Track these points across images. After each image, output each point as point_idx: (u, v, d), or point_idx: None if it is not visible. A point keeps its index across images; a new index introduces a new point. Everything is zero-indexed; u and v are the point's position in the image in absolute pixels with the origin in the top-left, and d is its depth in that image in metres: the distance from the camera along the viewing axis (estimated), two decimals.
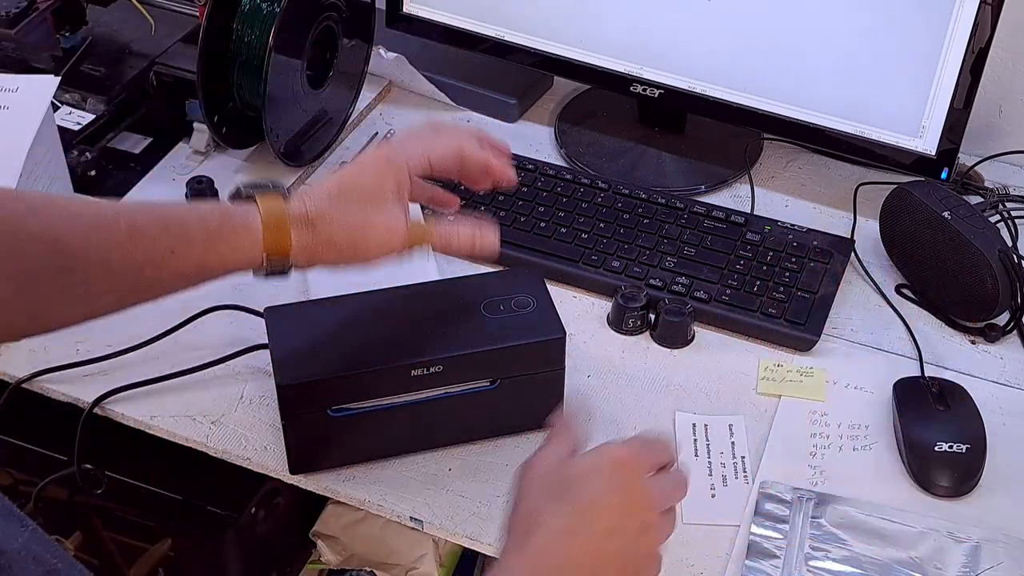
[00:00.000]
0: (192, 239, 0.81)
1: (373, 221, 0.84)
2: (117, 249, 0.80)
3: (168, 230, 0.81)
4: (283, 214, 0.82)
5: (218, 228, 0.82)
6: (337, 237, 0.84)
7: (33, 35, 1.23)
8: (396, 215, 0.85)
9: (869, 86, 1.16)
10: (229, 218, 0.82)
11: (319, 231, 0.83)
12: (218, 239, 0.82)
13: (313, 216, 0.83)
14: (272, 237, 0.82)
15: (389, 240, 0.85)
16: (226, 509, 1.12)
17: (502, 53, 1.31)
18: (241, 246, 0.82)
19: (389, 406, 0.93)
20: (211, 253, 0.82)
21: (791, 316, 1.08)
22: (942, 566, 0.89)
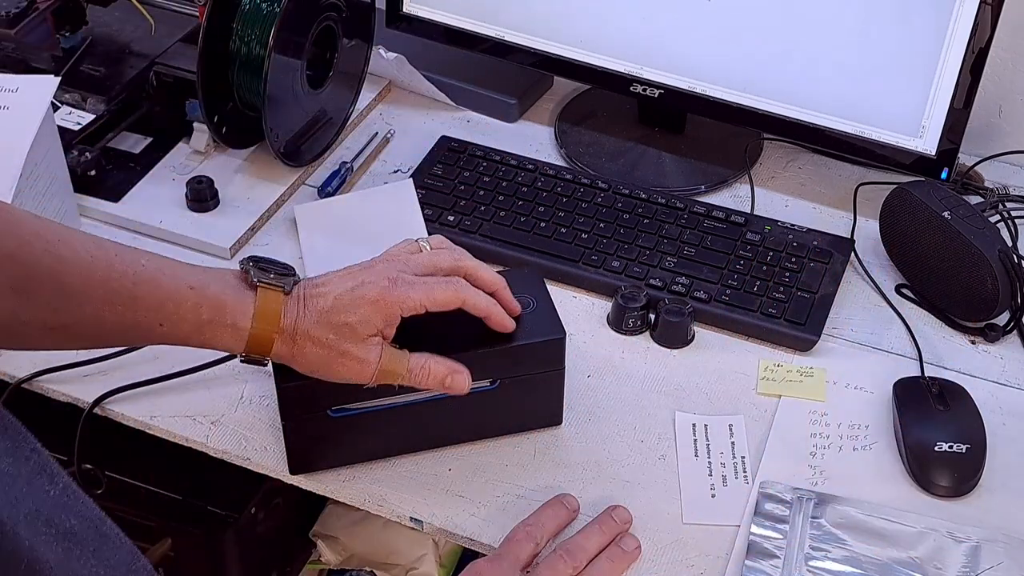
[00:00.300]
0: (182, 322, 0.85)
1: (348, 353, 0.86)
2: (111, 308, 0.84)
3: (162, 309, 0.85)
4: (272, 323, 0.85)
5: (208, 320, 0.85)
6: (310, 356, 0.86)
7: (33, 35, 1.23)
8: (370, 353, 0.86)
9: (869, 86, 1.16)
10: (222, 314, 0.85)
11: (297, 345, 0.86)
12: (206, 329, 0.86)
13: (298, 332, 0.85)
14: (255, 341, 0.86)
15: (358, 373, 0.87)
16: (226, 509, 1.12)
17: (502, 53, 1.31)
18: (224, 340, 0.86)
19: (389, 406, 0.93)
20: (196, 336, 0.86)
21: (791, 316, 1.08)
22: (942, 566, 0.89)
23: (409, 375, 0.88)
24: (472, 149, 1.26)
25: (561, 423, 1.00)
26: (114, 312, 0.84)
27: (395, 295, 0.87)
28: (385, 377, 0.87)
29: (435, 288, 0.88)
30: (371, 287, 0.87)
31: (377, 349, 0.86)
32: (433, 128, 1.32)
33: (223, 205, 1.19)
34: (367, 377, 0.87)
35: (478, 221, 1.17)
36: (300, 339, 0.85)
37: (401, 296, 0.87)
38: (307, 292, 0.87)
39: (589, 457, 0.98)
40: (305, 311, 0.86)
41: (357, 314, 0.86)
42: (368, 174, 1.27)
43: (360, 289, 0.87)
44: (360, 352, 0.86)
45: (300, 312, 0.86)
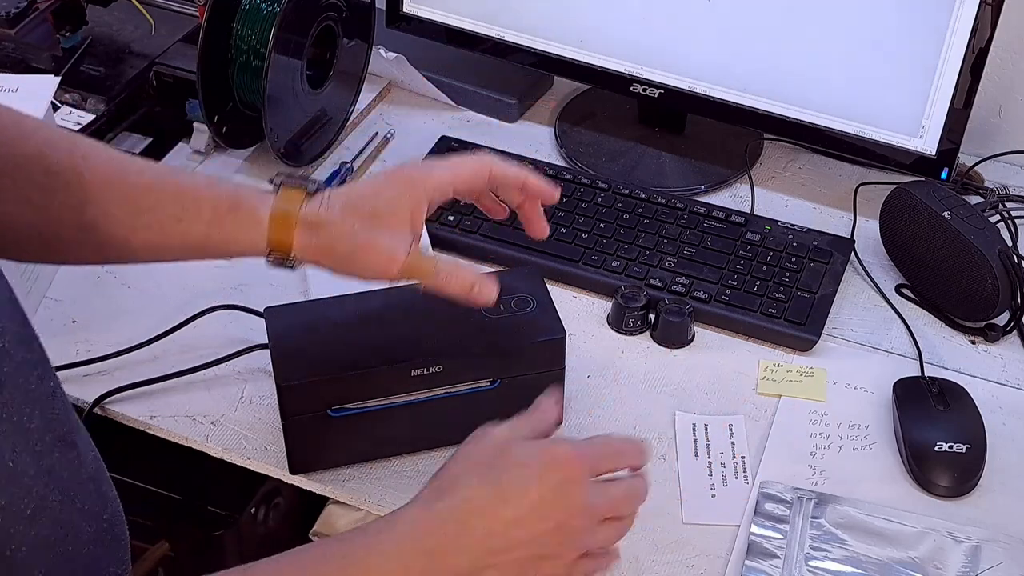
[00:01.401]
0: (200, 214, 0.84)
1: (376, 242, 0.84)
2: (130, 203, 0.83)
3: (180, 199, 0.83)
4: (293, 212, 0.83)
5: (227, 212, 0.84)
6: (338, 247, 0.84)
7: (33, 35, 1.23)
8: (400, 241, 0.84)
9: (869, 86, 1.16)
10: (240, 204, 0.84)
11: (322, 236, 0.84)
12: (225, 222, 0.84)
13: (322, 220, 0.84)
14: (277, 233, 0.84)
15: (387, 265, 0.85)
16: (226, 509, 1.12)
17: (502, 53, 1.31)
18: (246, 234, 0.84)
19: (389, 406, 0.93)
20: (216, 232, 0.84)
21: (791, 316, 1.08)
22: (942, 566, 0.89)
23: (436, 276, 0.86)
24: (472, 149, 1.26)
25: (561, 423, 1.00)
26: (134, 209, 0.83)
27: (419, 173, 0.86)
28: (412, 272, 0.85)
29: (460, 159, 0.88)
30: (395, 172, 0.87)
31: (405, 242, 0.85)
32: (433, 128, 1.32)
33: None
34: (395, 269, 0.84)
35: (478, 221, 1.17)
36: (324, 228, 0.84)
37: (425, 171, 0.86)
38: (331, 191, 0.86)
39: None
40: (329, 203, 0.84)
41: (383, 199, 0.84)
42: (368, 174, 1.27)
43: (384, 176, 0.87)
44: (387, 241, 0.84)
45: (324, 204, 0.84)
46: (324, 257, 0.85)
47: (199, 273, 1.11)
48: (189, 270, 1.12)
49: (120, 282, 1.11)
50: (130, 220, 0.84)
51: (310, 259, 0.85)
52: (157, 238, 0.85)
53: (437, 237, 1.15)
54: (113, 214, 0.84)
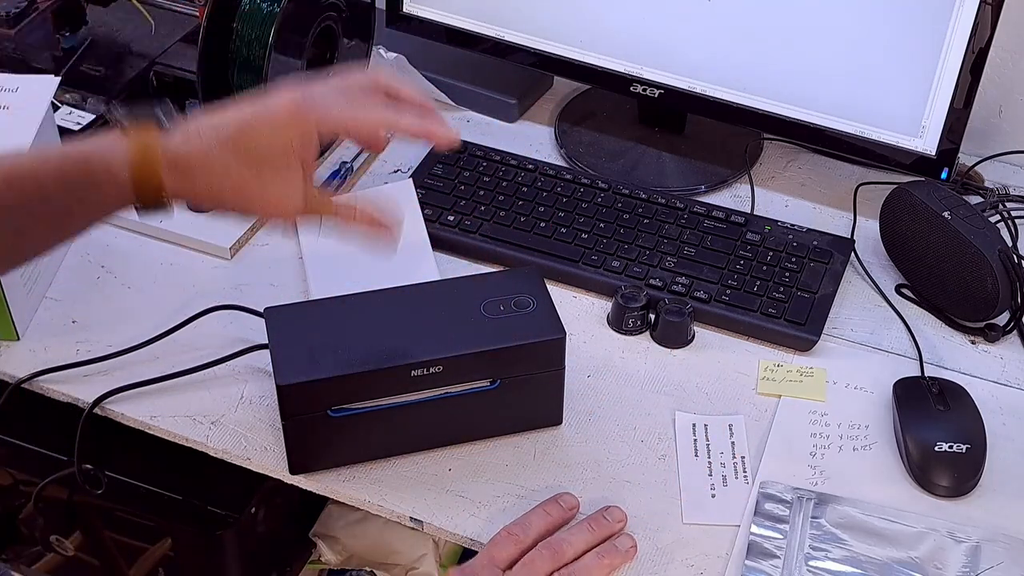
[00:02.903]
0: (49, 196, 0.74)
1: (266, 185, 0.75)
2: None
3: (22, 190, 0.74)
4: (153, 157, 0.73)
5: (78, 179, 0.74)
6: (223, 192, 0.75)
7: (33, 35, 1.23)
8: (293, 183, 0.76)
9: (869, 86, 1.16)
10: (89, 165, 0.74)
11: (199, 179, 0.74)
12: (79, 191, 0.74)
13: (194, 161, 0.74)
14: (141, 182, 0.73)
15: (281, 208, 0.77)
16: (226, 509, 1.12)
17: (502, 53, 1.31)
18: (106, 195, 0.75)
19: (389, 406, 0.93)
20: (75, 205, 0.75)
21: (791, 316, 1.08)
22: (942, 566, 0.89)
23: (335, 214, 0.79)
24: (472, 149, 1.26)
25: (561, 423, 1.00)
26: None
27: (308, 106, 0.75)
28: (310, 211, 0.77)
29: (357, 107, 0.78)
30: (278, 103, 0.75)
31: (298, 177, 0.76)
32: None
33: None
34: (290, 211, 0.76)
35: (478, 221, 1.17)
36: (200, 171, 0.74)
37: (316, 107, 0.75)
38: (197, 120, 0.75)
39: (589, 457, 0.98)
40: (199, 137, 0.74)
41: (269, 132, 0.74)
42: (368, 174, 1.27)
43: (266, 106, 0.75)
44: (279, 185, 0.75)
45: (192, 139, 0.74)
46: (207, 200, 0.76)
47: (199, 273, 1.12)
48: (189, 270, 1.12)
49: (120, 282, 1.11)
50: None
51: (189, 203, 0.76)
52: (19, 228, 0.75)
53: (437, 237, 1.15)
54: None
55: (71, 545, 1.19)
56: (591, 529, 0.88)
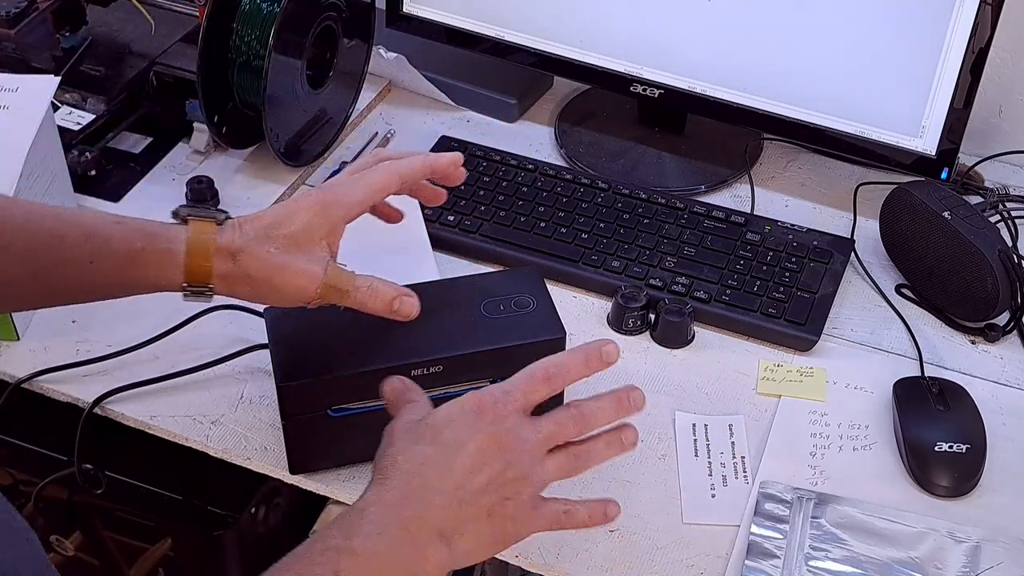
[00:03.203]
0: (113, 254, 0.83)
1: (292, 265, 0.84)
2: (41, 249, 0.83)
3: (90, 242, 0.83)
4: (209, 243, 0.84)
5: (141, 249, 0.84)
6: (255, 273, 0.84)
7: (33, 35, 1.23)
8: (316, 263, 0.85)
9: (869, 86, 1.16)
10: (154, 241, 0.84)
11: (239, 264, 0.84)
12: (139, 260, 0.84)
13: (236, 248, 0.84)
14: (194, 265, 0.84)
15: (304, 286, 0.85)
16: (226, 509, 1.12)
17: (502, 53, 1.31)
18: (162, 270, 0.84)
19: None
20: (131, 271, 0.84)
21: (791, 316, 1.08)
22: (942, 566, 0.89)
23: (356, 292, 0.86)
24: (472, 149, 1.26)
25: None
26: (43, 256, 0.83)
27: (332, 194, 0.86)
28: (330, 294, 0.85)
29: (368, 175, 0.88)
30: (307, 198, 0.86)
31: (322, 262, 0.85)
32: (433, 128, 1.32)
33: (223, 205, 1.19)
34: (312, 291, 0.85)
35: (478, 221, 1.17)
36: (241, 256, 0.83)
37: (340, 194, 0.86)
38: (242, 218, 0.86)
39: None
40: (243, 231, 0.84)
41: (296, 222, 0.84)
42: None
43: (296, 201, 0.87)
44: (303, 264, 0.84)
45: (237, 233, 0.84)
46: (242, 284, 0.85)
47: None
48: None
49: None
50: (39, 265, 0.84)
51: (227, 289, 0.85)
52: (71, 282, 0.85)
53: (437, 237, 1.15)
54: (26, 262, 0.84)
55: (71, 545, 1.19)
56: (616, 408, 0.83)
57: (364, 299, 0.86)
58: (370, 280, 0.87)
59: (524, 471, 0.77)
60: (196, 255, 0.83)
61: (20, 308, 0.91)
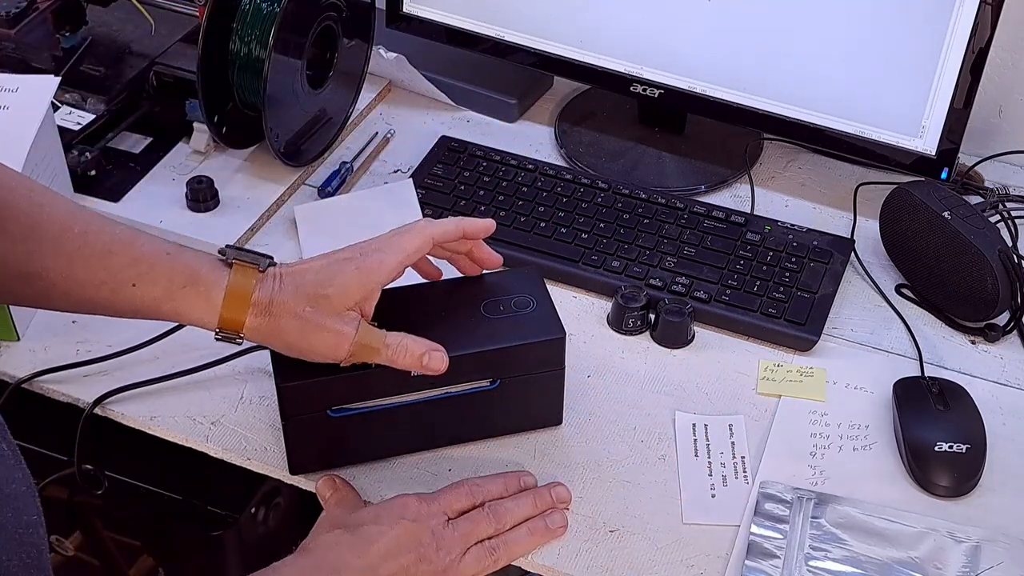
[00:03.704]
0: (156, 283, 0.85)
1: (325, 326, 0.85)
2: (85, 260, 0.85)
3: (136, 267, 0.85)
4: (246, 295, 0.85)
5: (182, 285, 0.85)
6: (287, 329, 0.85)
7: (33, 35, 1.23)
8: (348, 324, 0.86)
9: (869, 86, 1.16)
10: (196, 282, 0.85)
11: (273, 318, 0.85)
12: (179, 295, 0.85)
13: (274, 302, 0.85)
14: (229, 313, 0.85)
15: (337, 345, 0.86)
16: (226, 509, 1.12)
17: (502, 53, 1.31)
18: (197, 310, 0.86)
19: (389, 406, 0.93)
20: (168, 303, 0.86)
21: (791, 316, 1.08)
22: (942, 566, 0.89)
23: (386, 350, 0.87)
24: (472, 149, 1.26)
25: (561, 423, 1.00)
26: (87, 266, 0.84)
27: (370, 261, 0.87)
28: (361, 353, 0.87)
29: (403, 239, 0.89)
30: (346, 261, 0.88)
31: (354, 323, 0.86)
32: (433, 128, 1.32)
33: (223, 205, 1.19)
34: (343, 351, 0.86)
35: None
36: (275, 311, 0.85)
37: (376, 261, 0.87)
38: (283, 270, 0.88)
39: (589, 457, 0.98)
40: (282, 285, 0.86)
41: (335, 285, 0.86)
42: (368, 174, 1.27)
43: (336, 263, 0.88)
44: (336, 324, 0.85)
45: (276, 287, 0.86)
46: (273, 337, 0.86)
47: None
48: None
49: None
50: (82, 276, 0.85)
51: (258, 338, 0.87)
52: (108, 297, 0.86)
53: None
54: (63, 267, 0.85)
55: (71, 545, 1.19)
56: (534, 503, 0.91)
57: (394, 356, 0.87)
58: (400, 337, 0.88)
59: (439, 566, 0.85)
60: (232, 306, 0.85)
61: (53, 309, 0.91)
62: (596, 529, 0.93)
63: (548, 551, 0.91)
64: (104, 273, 0.85)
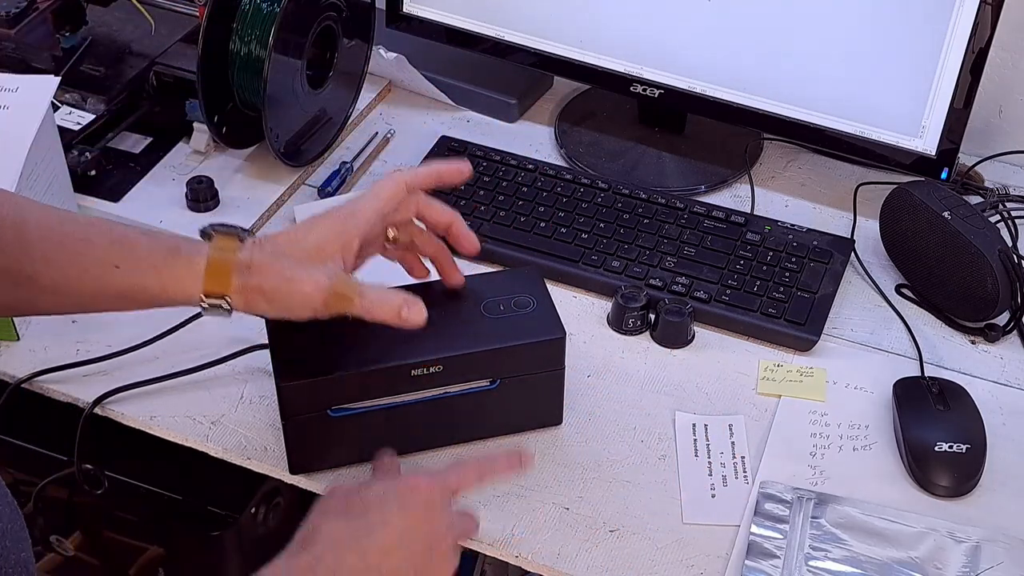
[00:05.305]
0: (138, 261, 0.85)
1: (301, 276, 0.85)
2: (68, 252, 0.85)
3: (116, 245, 0.85)
4: (229, 258, 0.85)
5: (164, 258, 0.85)
6: (267, 286, 0.85)
7: (33, 35, 1.23)
8: (323, 273, 0.85)
9: (869, 86, 1.16)
10: (177, 251, 0.86)
11: (254, 277, 0.85)
12: (162, 268, 0.85)
13: (254, 263, 0.85)
14: (212, 278, 0.85)
15: (310, 294, 0.85)
16: (226, 509, 1.12)
17: (502, 53, 1.31)
18: (182, 280, 0.85)
19: (389, 406, 0.93)
20: (153, 279, 0.85)
21: (791, 316, 1.08)
22: (942, 566, 0.89)
23: (361, 300, 0.86)
24: (472, 149, 1.26)
25: (561, 423, 1.00)
26: (70, 259, 0.85)
27: (344, 210, 0.89)
28: (336, 303, 0.85)
29: (376, 187, 0.91)
30: (322, 216, 0.89)
31: (331, 272, 0.86)
32: (433, 128, 1.32)
33: (223, 205, 1.19)
34: (318, 299, 0.85)
35: (478, 221, 1.17)
36: (256, 270, 0.85)
37: (350, 210, 0.89)
38: (263, 237, 0.89)
39: (589, 457, 0.98)
40: (262, 247, 0.87)
41: (311, 239, 0.87)
42: (368, 174, 1.27)
43: (312, 219, 0.89)
44: (312, 274, 0.85)
45: (257, 249, 0.86)
46: (255, 297, 0.86)
47: None
48: None
49: None
50: (67, 268, 0.85)
51: (244, 303, 0.86)
52: (94, 285, 0.86)
53: None
54: (51, 264, 0.85)
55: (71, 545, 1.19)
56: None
57: (370, 307, 0.86)
58: (377, 288, 0.87)
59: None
60: (215, 268, 0.85)
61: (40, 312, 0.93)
62: (596, 529, 0.93)
63: (548, 551, 0.91)
64: (87, 260, 0.85)
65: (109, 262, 0.85)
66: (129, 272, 0.85)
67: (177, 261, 0.85)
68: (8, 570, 0.65)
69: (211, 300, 0.85)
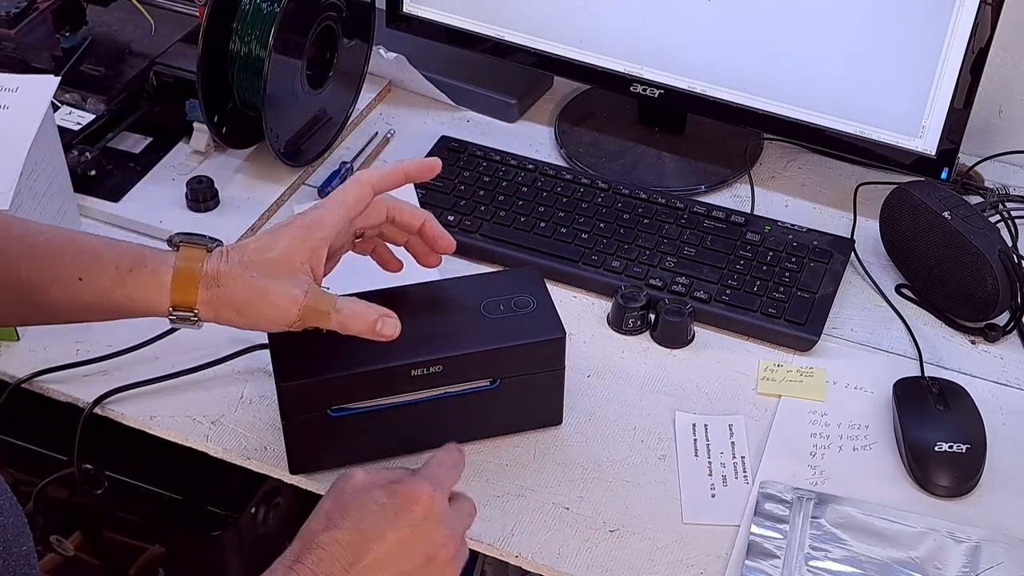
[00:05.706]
0: (103, 272, 0.85)
1: (273, 289, 0.84)
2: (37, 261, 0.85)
3: (81, 256, 0.85)
4: (195, 269, 0.84)
5: (129, 268, 0.85)
6: (237, 298, 0.85)
7: (33, 35, 1.23)
8: (297, 286, 0.85)
9: (869, 86, 1.16)
10: (143, 262, 0.85)
11: (222, 289, 0.84)
12: (128, 279, 0.85)
13: (221, 274, 0.84)
14: (179, 289, 0.85)
15: (285, 308, 0.85)
16: (226, 509, 1.12)
17: (502, 53, 1.31)
18: (149, 292, 0.85)
19: (389, 406, 0.93)
20: (118, 290, 0.85)
21: (791, 316, 1.08)
22: (942, 566, 0.89)
23: (336, 315, 0.86)
24: (472, 149, 1.26)
25: (561, 423, 1.00)
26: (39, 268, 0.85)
27: (310, 217, 0.87)
28: (311, 317, 0.85)
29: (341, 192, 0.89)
30: (289, 224, 0.87)
31: (304, 286, 0.85)
32: (433, 128, 1.32)
33: (223, 205, 1.19)
34: (292, 315, 0.85)
35: (478, 221, 1.17)
36: (224, 281, 0.84)
37: (317, 216, 0.87)
38: (230, 246, 0.87)
39: (589, 457, 0.98)
40: (228, 257, 0.85)
41: (278, 247, 0.85)
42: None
43: (279, 228, 0.88)
44: (285, 287, 0.84)
45: (223, 259, 0.85)
46: (225, 309, 0.85)
47: None
48: None
49: None
50: (37, 278, 0.85)
51: (212, 314, 0.86)
52: (62, 295, 0.86)
53: None
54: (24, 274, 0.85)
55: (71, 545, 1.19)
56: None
57: (345, 321, 0.86)
58: (351, 302, 0.87)
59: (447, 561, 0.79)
60: (182, 282, 0.84)
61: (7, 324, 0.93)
62: (596, 529, 0.93)
63: (548, 551, 0.91)
64: (55, 272, 0.85)
65: (73, 274, 0.85)
66: (95, 283, 0.85)
67: (142, 272, 0.85)
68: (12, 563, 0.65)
69: (179, 312, 0.85)
